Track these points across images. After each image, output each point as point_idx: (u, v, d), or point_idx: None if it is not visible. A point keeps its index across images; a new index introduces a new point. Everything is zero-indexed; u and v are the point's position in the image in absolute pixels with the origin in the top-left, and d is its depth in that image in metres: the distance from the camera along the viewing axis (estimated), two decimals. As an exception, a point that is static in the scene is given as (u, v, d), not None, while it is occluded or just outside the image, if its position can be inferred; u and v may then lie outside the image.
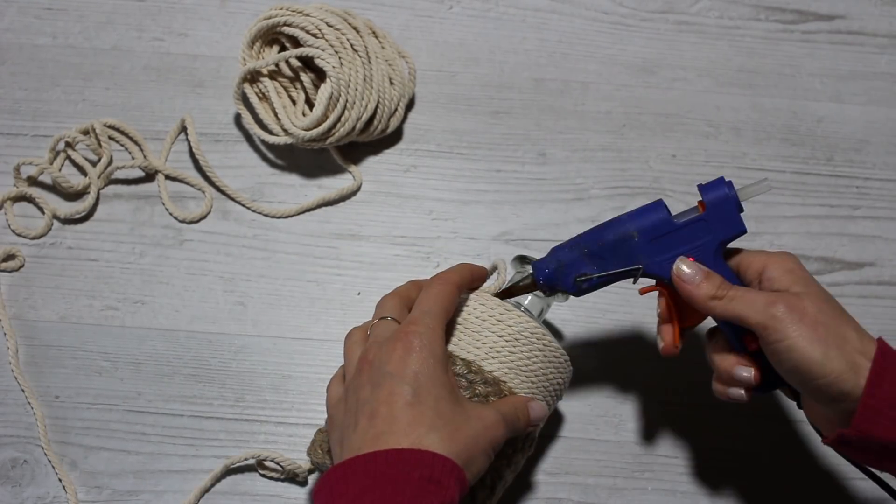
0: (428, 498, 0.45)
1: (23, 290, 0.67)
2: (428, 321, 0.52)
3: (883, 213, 0.73)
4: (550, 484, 0.64)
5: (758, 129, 0.75)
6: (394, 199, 0.72)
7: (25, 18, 0.76)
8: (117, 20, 0.76)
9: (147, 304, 0.67)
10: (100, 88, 0.74)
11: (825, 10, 0.80)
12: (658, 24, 0.79)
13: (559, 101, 0.75)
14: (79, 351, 0.66)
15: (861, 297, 0.70)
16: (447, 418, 0.49)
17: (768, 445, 0.65)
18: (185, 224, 0.70)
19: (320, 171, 0.72)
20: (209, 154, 0.72)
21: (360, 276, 0.69)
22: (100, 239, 0.69)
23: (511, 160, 0.73)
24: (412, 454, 0.46)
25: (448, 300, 0.54)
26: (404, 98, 0.72)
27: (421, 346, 0.50)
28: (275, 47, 0.71)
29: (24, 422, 0.64)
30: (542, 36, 0.78)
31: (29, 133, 0.72)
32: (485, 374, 0.55)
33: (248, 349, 0.66)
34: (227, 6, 0.78)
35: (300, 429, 0.64)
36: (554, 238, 0.70)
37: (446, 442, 0.47)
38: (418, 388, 0.49)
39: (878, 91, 0.77)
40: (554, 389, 0.58)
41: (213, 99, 0.74)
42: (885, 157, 0.75)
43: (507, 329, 0.56)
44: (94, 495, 0.62)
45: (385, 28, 0.76)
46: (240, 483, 0.63)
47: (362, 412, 0.49)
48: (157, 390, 0.65)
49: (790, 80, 0.77)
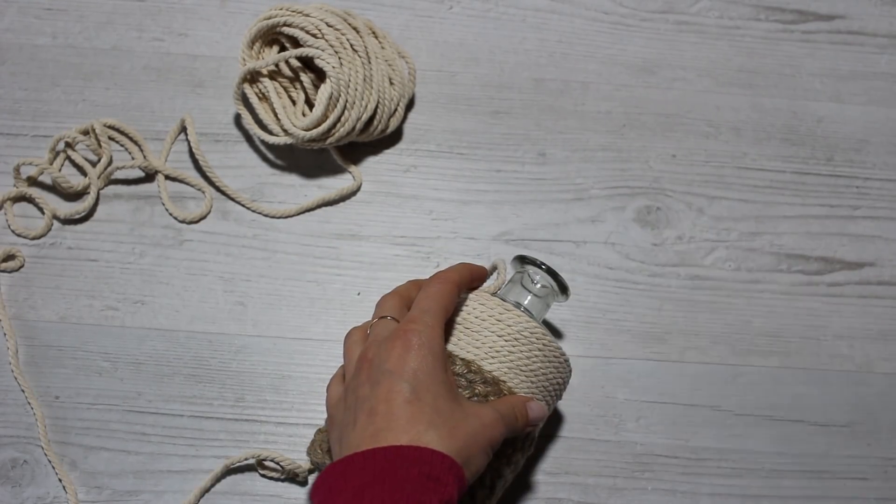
0: (427, 495, 0.45)
1: (23, 290, 0.67)
2: (427, 319, 0.52)
3: (883, 213, 0.73)
4: (550, 484, 0.64)
5: (758, 129, 0.75)
6: (394, 199, 0.72)
7: (25, 18, 0.76)
8: (117, 20, 0.76)
9: (147, 304, 0.67)
10: (100, 88, 0.74)
11: (825, 10, 0.80)
12: (658, 24, 0.79)
13: (559, 101, 0.75)
14: (79, 351, 0.66)
15: (861, 297, 0.70)
16: (446, 416, 0.49)
17: (769, 445, 0.65)
18: (185, 224, 0.70)
19: (320, 171, 0.72)
20: (209, 154, 0.72)
21: (360, 276, 0.69)
22: (100, 239, 0.69)
23: (511, 160, 0.73)
24: (411, 451, 0.46)
25: (447, 299, 0.54)
26: (404, 98, 0.72)
27: (420, 343, 0.50)
28: (275, 47, 0.71)
29: (24, 422, 0.64)
30: (542, 36, 0.78)
31: (29, 133, 0.72)
32: (484, 373, 0.55)
33: (248, 349, 0.66)
34: (227, 6, 0.78)
35: (300, 429, 0.64)
36: (554, 238, 0.70)
37: (445, 439, 0.48)
38: (417, 385, 0.49)
39: (878, 91, 0.77)
40: (553, 389, 0.58)
41: (213, 99, 0.74)
42: (885, 157, 0.75)
43: (506, 329, 0.56)
44: (94, 495, 0.62)
45: (385, 28, 0.76)
46: (240, 483, 0.63)
47: (361, 410, 0.49)
48: (157, 390, 0.65)
49: (790, 80, 0.77)
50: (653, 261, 0.70)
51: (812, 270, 0.71)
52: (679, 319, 0.69)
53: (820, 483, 0.65)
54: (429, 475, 0.46)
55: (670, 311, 0.69)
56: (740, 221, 0.72)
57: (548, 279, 0.60)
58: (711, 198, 0.73)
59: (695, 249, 0.71)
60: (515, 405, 0.54)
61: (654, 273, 0.70)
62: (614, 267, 0.70)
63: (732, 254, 0.71)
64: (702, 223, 0.72)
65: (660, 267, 0.70)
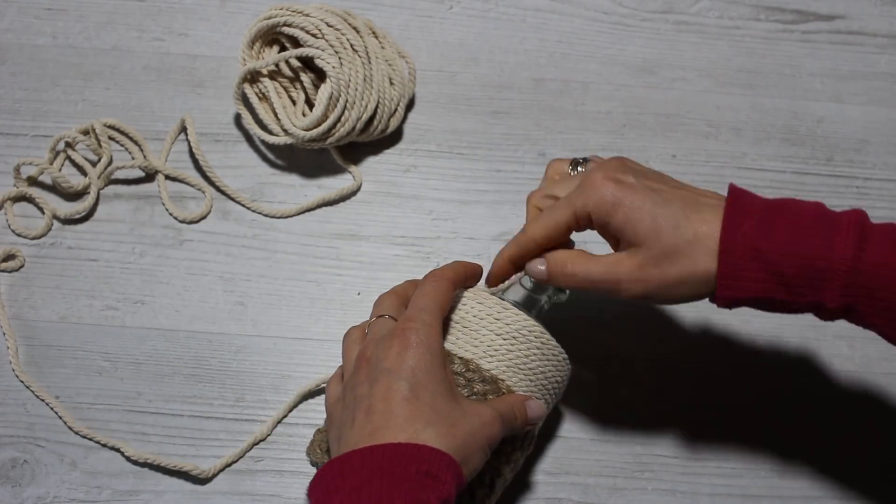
0: (425, 492, 0.45)
1: (23, 290, 0.67)
2: (424, 317, 0.52)
3: (883, 214, 0.73)
4: (550, 484, 0.64)
5: (758, 129, 0.75)
6: (394, 199, 0.72)
7: (25, 18, 0.76)
8: (117, 20, 0.76)
9: (147, 304, 0.67)
10: (100, 88, 0.74)
11: (825, 10, 0.80)
12: (658, 24, 0.79)
13: (559, 101, 0.75)
14: (79, 351, 0.66)
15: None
16: (444, 414, 0.49)
17: (769, 445, 0.65)
18: (185, 224, 0.70)
19: (320, 171, 0.72)
20: (209, 154, 0.72)
21: (360, 276, 0.69)
22: (100, 239, 0.69)
23: (511, 160, 0.73)
24: (409, 448, 0.46)
25: (443, 296, 0.54)
26: (404, 98, 0.72)
27: (418, 342, 0.50)
28: (275, 47, 0.71)
29: (24, 422, 0.64)
30: (542, 36, 0.78)
31: (29, 133, 0.72)
32: (483, 372, 0.55)
33: (248, 349, 0.66)
34: (227, 6, 0.78)
35: (300, 429, 0.64)
36: (554, 238, 0.70)
37: (443, 437, 0.48)
38: (415, 383, 0.49)
39: (878, 91, 0.77)
40: (552, 388, 0.58)
41: (213, 99, 0.74)
42: (885, 157, 0.75)
43: (504, 327, 0.56)
44: (94, 495, 0.62)
45: (385, 28, 0.76)
46: (240, 483, 0.63)
47: (359, 408, 0.49)
48: (157, 390, 0.65)
49: (790, 80, 0.77)
50: (653, 261, 0.70)
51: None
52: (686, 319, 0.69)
53: (820, 483, 0.65)
54: (427, 472, 0.46)
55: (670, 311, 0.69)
56: (740, 221, 0.72)
57: None
58: (711, 198, 0.72)
59: (695, 249, 0.71)
60: (514, 404, 0.54)
61: (654, 273, 0.70)
62: (614, 267, 0.70)
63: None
64: (702, 223, 0.72)
65: (660, 267, 0.70)
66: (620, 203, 0.51)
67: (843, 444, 0.66)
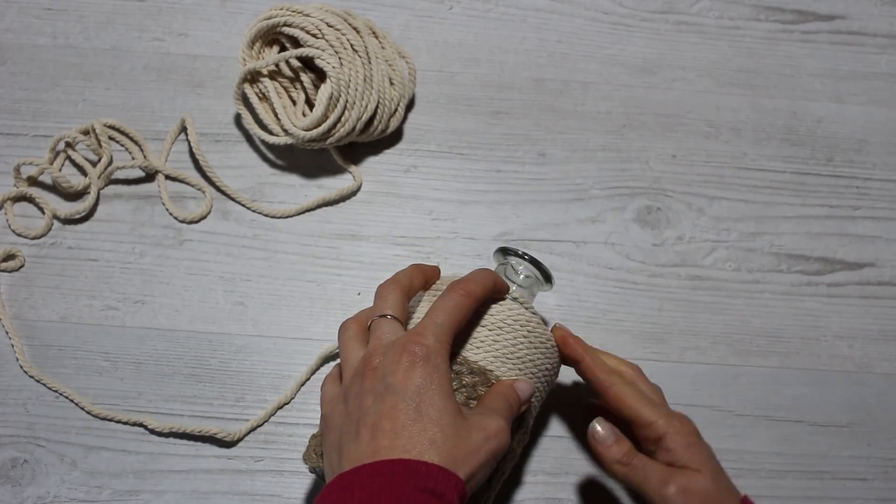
0: None
1: (23, 290, 0.67)
2: (438, 334, 0.51)
3: (883, 214, 0.73)
4: (550, 484, 0.64)
5: (758, 129, 0.75)
6: (394, 199, 0.72)
7: (25, 18, 0.76)
8: (117, 20, 0.76)
9: (147, 304, 0.67)
10: (100, 88, 0.74)
11: (825, 10, 0.80)
12: (658, 24, 0.79)
13: (559, 101, 0.75)
14: (79, 351, 0.66)
15: (861, 298, 0.70)
16: (449, 433, 0.48)
17: (768, 446, 0.65)
18: (185, 224, 0.70)
19: (320, 171, 0.72)
20: (209, 154, 0.72)
21: (360, 276, 0.69)
22: (100, 239, 0.69)
23: (511, 160, 0.73)
24: (417, 465, 0.46)
25: (463, 314, 0.53)
26: (404, 98, 0.72)
27: (426, 359, 0.50)
28: (275, 47, 0.71)
29: (24, 422, 0.64)
30: (542, 36, 0.78)
31: (29, 133, 0.72)
32: (470, 364, 0.55)
33: (248, 349, 0.66)
34: (227, 6, 0.78)
35: (300, 429, 0.64)
36: (554, 238, 0.70)
37: (448, 457, 0.48)
38: (421, 403, 0.49)
39: (878, 91, 0.77)
40: (543, 375, 0.58)
41: (213, 99, 0.74)
42: (885, 157, 0.75)
43: (489, 318, 0.56)
44: (94, 495, 0.62)
45: (385, 28, 0.76)
46: (240, 483, 0.63)
47: (364, 423, 0.49)
48: (157, 390, 0.65)
49: (790, 80, 0.77)
50: (653, 261, 0.70)
51: (812, 271, 0.71)
52: (679, 319, 0.69)
53: (820, 483, 0.65)
54: (433, 491, 0.46)
55: (670, 312, 0.69)
56: (740, 222, 0.72)
57: (531, 269, 0.60)
58: (711, 198, 0.73)
59: (695, 250, 0.71)
60: (506, 394, 0.54)
61: (655, 273, 0.70)
62: (614, 267, 0.70)
63: (732, 254, 0.71)
64: (702, 223, 0.72)
65: (660, 267, 0.70)
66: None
67: (842, 444, 0.66)
